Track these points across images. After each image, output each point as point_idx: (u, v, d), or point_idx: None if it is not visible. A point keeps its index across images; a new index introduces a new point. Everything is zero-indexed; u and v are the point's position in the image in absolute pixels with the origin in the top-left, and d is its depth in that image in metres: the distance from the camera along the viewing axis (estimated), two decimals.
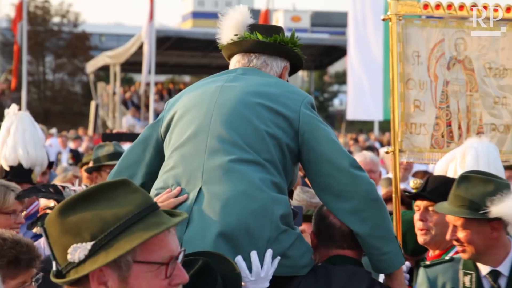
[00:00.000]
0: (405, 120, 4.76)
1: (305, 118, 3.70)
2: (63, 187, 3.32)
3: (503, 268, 3.88)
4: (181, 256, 2.34)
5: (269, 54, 3.94)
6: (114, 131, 10.72)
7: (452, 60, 4.83)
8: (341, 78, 50.12)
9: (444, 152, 4.76)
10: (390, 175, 8.65)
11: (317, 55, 38.06)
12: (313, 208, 5.72)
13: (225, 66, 3.98)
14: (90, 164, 6.79)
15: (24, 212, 5.96)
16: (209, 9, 68.66)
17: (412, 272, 4.80)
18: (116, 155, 6.33)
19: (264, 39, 3.93)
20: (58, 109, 48.26)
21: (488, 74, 4.92)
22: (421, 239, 4.49)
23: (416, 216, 4.50)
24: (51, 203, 5.23)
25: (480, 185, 3.82)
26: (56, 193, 3.69)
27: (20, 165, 6.25)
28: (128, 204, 2.28)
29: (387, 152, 4.82)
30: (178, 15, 70.49)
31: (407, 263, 4.50)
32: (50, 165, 7.10)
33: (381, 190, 8.01)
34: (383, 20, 4.77)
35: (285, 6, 60.03)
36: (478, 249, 3.86)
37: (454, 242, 3.94)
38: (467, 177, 3.88)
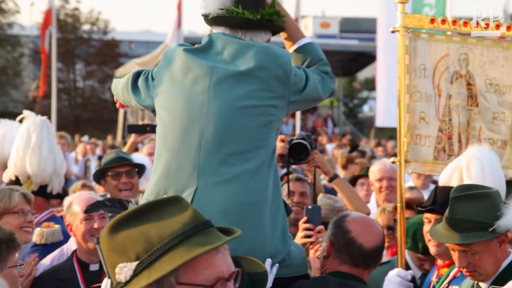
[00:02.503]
0: (411, 131, 4.82)
1: (293, 86, 3.84)
2: (128, 201, 3.38)
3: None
4: (234, 277, 2.27)
5: (255, 30, 3.96)
6: (140, 123, 10.75)
7: (455, 75, 4.91)
8: (371, 84, 50.01)
9: (445, 164, 4.81)
10: (411, 183, 8.68)
11: (345, 61, 38.04)
12: (335, 213, 5.78)
13: None
14: None
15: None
16: None
17: (414, 280, 4.86)
18: (119, 159, 6.49)
19: (251, 15, 3.92)
20: (89, 116, 48.60)
21: (488, 90, 5.00)
22: (433, 250, 4.59)
23: (426, 228, 4.56)
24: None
25: (474, 202, 3.77)
26: (121, 207, 3.72)
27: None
28: (175, 223, 2.23)
29: (393, 162, 4.87)
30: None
31: (411, 272, 4.56)
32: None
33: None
34: (392, 32, 4.82)
35: (314, 13, 59.84)
36: (490, 269, 3.79)
37: (463, 269, 3.86)
38: (458, 198, 3.82)
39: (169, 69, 3.88)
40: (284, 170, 5.49)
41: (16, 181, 6.11)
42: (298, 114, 30.22)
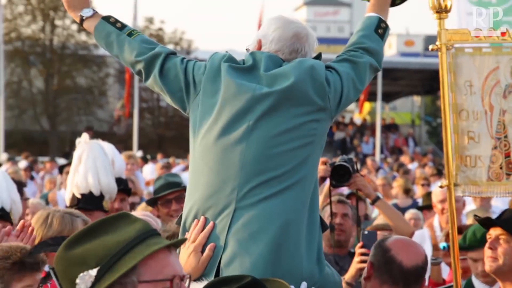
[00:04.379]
0: (459, 152, 4.55)
1: (333, 100, 3.75)
2: None
3: None
4: (187, 281, 2.47)
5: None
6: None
7: (508, 88, 4.57)
8: None
9: (503, 184, 4.54)
10: (473, 206, 8.33)
11: (427, 79, 37.52)
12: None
13: None
14: None
15: None
16: (321, 34, 68.76)
17: None
18: (166, 186, 6.47)
19: None
20: (172, 135, 49.12)
21: None
22: (487, 266, 4.44)
23: (486, 244, 4.47)
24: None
25: None
26: None
27: (91, 193, 6.23)
28: (129, 231, 2.43)
29: (441, 186, 4.63)
30: None
31: None
32: (129, 192, 7.21)
33: (467, 221, 7.67)
34: (432, 50, 4.60)
35: (398, 31, 59.31)
36: None
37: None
38: None
39: (212, 84, 3.77)
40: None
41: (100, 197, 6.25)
42: (378, 133, 29.99)
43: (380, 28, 3.97)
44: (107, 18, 4.02)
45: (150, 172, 17.83)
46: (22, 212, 6.25)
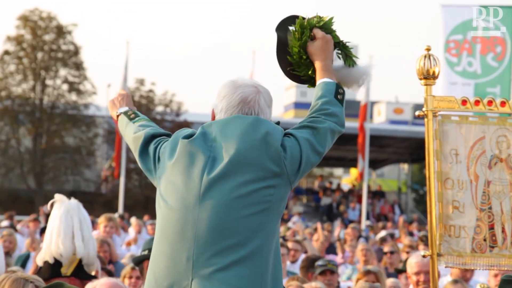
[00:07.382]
0: (443, 221, 4.47)
1: (290, 165, 3.71)
2: None
3: None
4: None
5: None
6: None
7: (494, 159, 4.51)
8: None
9: (486, 257, 4.44)
10: (448, 277, 8.18)
11: (415, 148, 37.57)
12: None
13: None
14: None
15: None
16: (311, 100, 68.93)
17: None
18: None
19: None
20: None
21: None
22: None
23: None
24: None
25: None
26: None
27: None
28: None
29: (424, 256, 4.53)
30: (280, 106, 71.00)
31: None
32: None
33: None
34: (418, 116, 4.54)
35: (388, 98, 59.76)
36: None
37: None
38: (508, 281, 3.66)
39: (170, 158, 3.81)
40: None
41: (56, 264, 5.95)
42: (364, 200, 29.85)
43: (339, 94, 4.00)
44: (126, 112, 4.24)
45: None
46: None
